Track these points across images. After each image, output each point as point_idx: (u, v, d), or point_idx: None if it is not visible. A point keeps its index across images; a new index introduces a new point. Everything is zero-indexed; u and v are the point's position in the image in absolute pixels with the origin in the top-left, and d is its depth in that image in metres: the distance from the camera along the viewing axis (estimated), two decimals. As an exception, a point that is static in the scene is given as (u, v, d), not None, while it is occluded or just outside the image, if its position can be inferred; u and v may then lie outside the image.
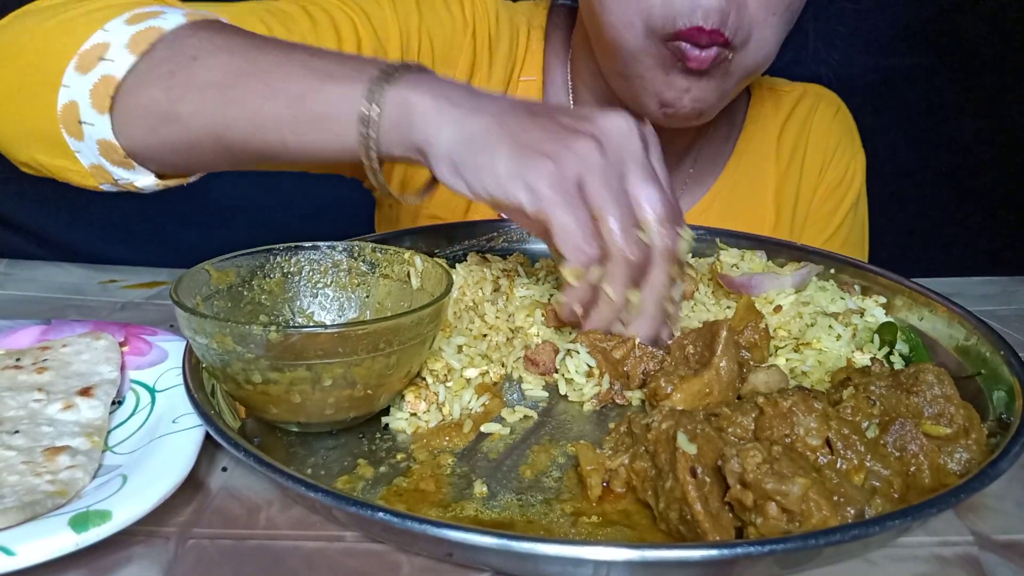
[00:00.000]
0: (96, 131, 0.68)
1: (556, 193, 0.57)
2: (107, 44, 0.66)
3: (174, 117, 0.66)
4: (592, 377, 0.64)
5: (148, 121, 0.67)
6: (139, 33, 0.67)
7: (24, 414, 0.55)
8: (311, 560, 0.46)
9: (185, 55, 0.66)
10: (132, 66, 0.66)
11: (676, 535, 0.47)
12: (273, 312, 0.64)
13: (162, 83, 0.66)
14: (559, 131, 0.59)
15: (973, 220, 1.83)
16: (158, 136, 0.68)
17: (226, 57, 0.66)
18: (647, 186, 0.59)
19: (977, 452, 0.52)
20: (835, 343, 0.68)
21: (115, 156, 0.69)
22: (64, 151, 0.70)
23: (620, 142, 0.59)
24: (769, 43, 0.87)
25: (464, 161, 0.59)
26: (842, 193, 1.12)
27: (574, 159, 0.57)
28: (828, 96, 1.16)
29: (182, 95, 0.66)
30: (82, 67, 0.66)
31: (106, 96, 0.66)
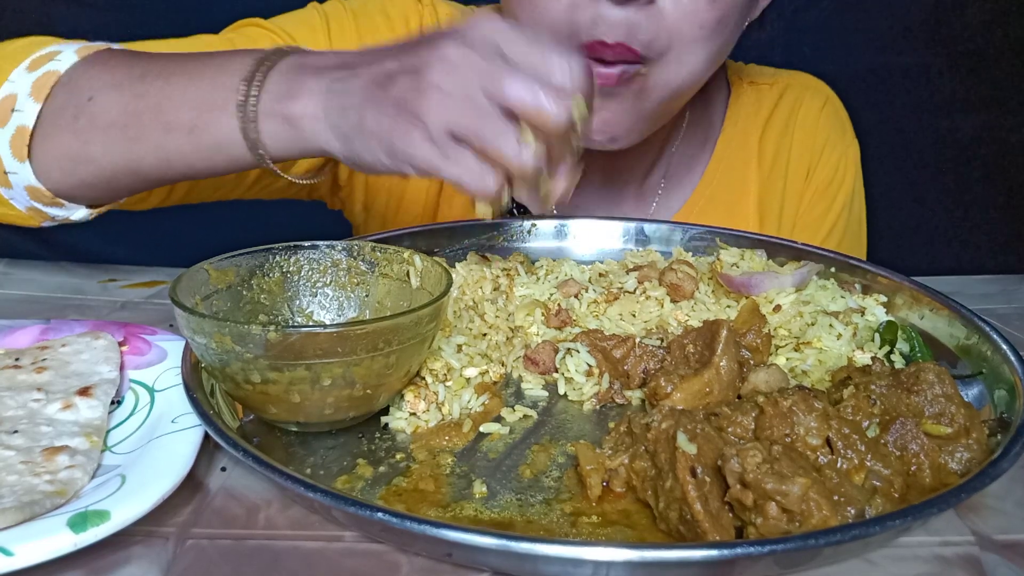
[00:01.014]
0: (21, 179, 0.72)
1: (432, 156, 0.58)
2: (15, 95, 0.70)
3: (87, 159, 0.70)
4: (592, 376, 0.64)
5: (64, 164, 0.71)
6: (39, 79, 0.70)
7: (23, 414, 0.55)
8: (310, 560, 0.46)
9: (82, 97, 0.69)
10: (39, 113, 0.70)
11: (676, 535, 0.47)
12: (272, 312, 0.64)
13: (69, 128, 0.69)
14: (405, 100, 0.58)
15: (973, 218, 1.83)
16: (77, 176, 0.71)
17: (116, 94, 0.69)
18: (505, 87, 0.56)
19: (978, 451, 0.52)
20: (836, 342, 0.68)
21: (44, 198, 0.73)
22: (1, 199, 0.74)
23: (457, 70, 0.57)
24: (697, 59, 0.81)
25: (354, 154, 0.62)
26: (833, 193, 1.06)
27: (432, 113, 0.57)
28: (814, 87, 1.09)
29: (89, 138, 0.69)
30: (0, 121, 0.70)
31: (22, 146, 0.70)
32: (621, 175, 1.03)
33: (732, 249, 0.82)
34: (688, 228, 0.90)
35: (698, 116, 1.04)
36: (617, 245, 0.90)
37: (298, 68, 0.64)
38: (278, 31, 0.91)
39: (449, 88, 0.57)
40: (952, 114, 1.76)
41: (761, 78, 1.08)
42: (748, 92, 1.07)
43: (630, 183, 1.03)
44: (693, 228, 0.90)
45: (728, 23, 0.81)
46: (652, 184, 1.04)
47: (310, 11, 0.96)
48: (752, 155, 1.04)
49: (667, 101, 0.85)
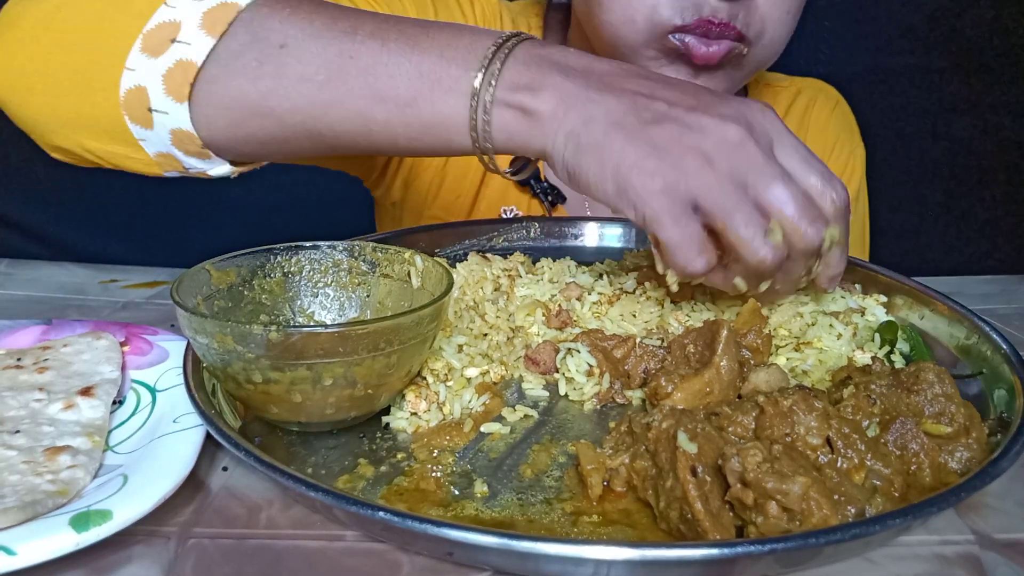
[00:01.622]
0: (170, 120, 0.62)
1: (663, 212, 0.55)
2: (177, 23, 0.60)
3: (266, 112, 0.62)
4: (592, 376, 0.64)
5: (234, 113, 0.62)
6: (212, 10, 0.60)
7: (25, 414, 0.55)
8: (312, 560, 0.46)
9: (270, 42, 0.60)
10: (211, 50, 0.60)
11: (676, 534, 0.47)
12: (274, 312, 0.64)
13: (249, 73, 0.60)
14: (663, 148, 0.55)
15: (974, 219, 1.83)
16: (246, 129, 0.63)
17: (317, 46, 0.60)
18: (772, 189, 0.55)
19: (978, 451, 0.52)
20: (836, 342, 0.68)
21: (191, 147, 0.63)
22: (125, 138, 0.63)
23: (730, 151, 0.55)
24: (781, 39, 0.87)
25: (579, 168, 0.58)
26: None
27: (688, 174, 0.55)
28: (826, 91, 1.14)
29: (274, 89, 0.61)
30: (150, 49, 0.60)
31: (184, 84, 0.60)
32: None
33: None
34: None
35: None
36: (618, 245, 0.91)
37: (541, 60, 0.60)
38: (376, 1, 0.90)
39: (717, 160, 0.55)
40: (952, 115, 1.76)
41: (775, 81, 1.13)
42: (764, 92, 1.11)
43: None
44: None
45: (800, 8, 0.87)
46: None
47: None
48: None
49: (751, 76, 0.91)
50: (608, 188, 0.57)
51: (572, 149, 0.58)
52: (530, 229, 0.90)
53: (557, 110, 0.58)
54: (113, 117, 0.62)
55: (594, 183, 0.57)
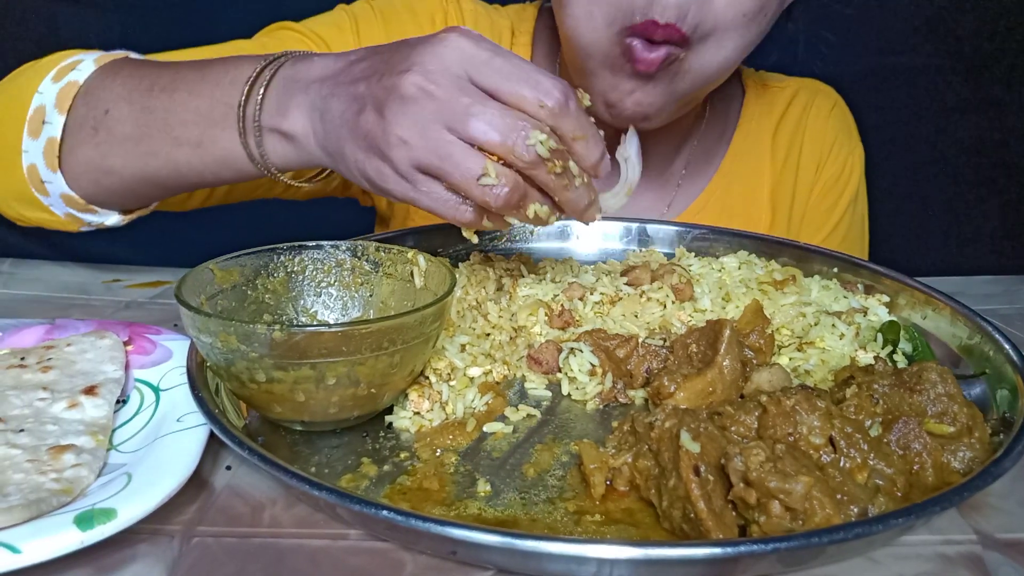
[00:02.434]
0: (56, 187, 0.75)
1: (405, 190, 0.60)
2: (43, 107, 0.73)
3: (108, 170, 0.73)
4: (595, 376, 0.64)
5: (90, 174, 0.74)
6: (62, 90, 0.73)
7: (29, 412, 0.55)
8: (315, 558, 0.46)
9: (99, 109, 0.72)
10: (64, 125, 0.72)
11: (679, 533, 0.47)
12: (277, 311, 0.64)
13: (90, 140, 0.72)
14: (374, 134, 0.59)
15: (976, 219, 1.83)
16: (102, 186, 0.74)
17: (127, 107, 0.71)
18: (468, 125, 0.57)
19: (980, 451, 0.52)
20: (838, 342, 0.68)
21: (78, 205, 0.76)
22: (40, 206, 0.77)
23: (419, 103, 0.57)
24: (733, 46, 0.84)
25: (345, 173, 0.64)
26: (840, 189, 1.11)
27: (396, 153, 0.58)
28: (824, 91, 1.14)
29: (108, 151, 0.72)
30: (32, 132, 0.74)
31: (53, 156, 0.73)
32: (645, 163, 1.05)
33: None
34: (690, 229, 0.90)
35: (716, 111, 1.08)
36: (619, 245, 0.91)
37: (290, 81, 0.65)
38: (310, 34, 0.93)
39: (407, 125, 0.57)
40: (954, 115, 1.76)
41: (774, 81, 1.13)
42: (761, 94, 1.11)
43: (653, 171, 1.06)
44: (695, 228, 0.90)
45: (767, 13, 0.85)
46: (674, 173, 1.08)
47: (338, 12, 0.98)
48: (766, 149, 1.09)
49: (699, 85, 0.88)
50: (364, 184, 0.62)
51: (330, 159, 0.64)
52: (532, 229, 0.90)
53: (304, 129, 0.64)
54: (25, 190, 0.76)
55: (356, 181, 0.63)
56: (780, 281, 0.77)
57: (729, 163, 1.08)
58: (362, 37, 0.95)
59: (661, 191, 1.07)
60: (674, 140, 1.05)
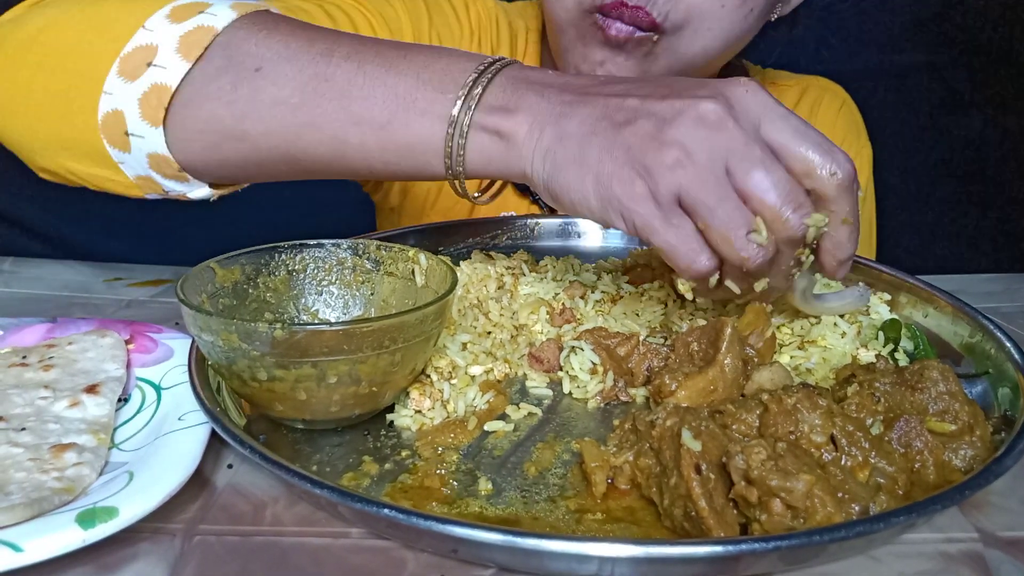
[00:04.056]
0: (146, 144, 0.62)
1: (652, 217, 0.53)
2: (154, 47, 0.60)
3: (240, 135, 0.61)
4: (596, 374, 0.64)
5: (209, 137, 0.62)
6: (188, 34, 0.60)
7: (31, 411, 0.55)
8: (317, 556, 0.46)
9: (246, 65, 0.60)
10: (186, 74, 0.60)
11: (680, 532, 0.47)
12: (278, 310, 0.64)
13: (224, 97, 0.60)
14: (638, 151, 0.53)
15: (979, 216, 1.83)
16: (220, 152, 0.63)
17: (292, 69, 0.60)
18: (754, 174, 0.52)
19: (982, 449, 0.52)
20: (839, 340, 0.68)
21: (168, 170, 0.64)
22: (105, 161, 0.64)
23: (707, 136, 0.53)
24: (713, 32, 0.81)
25: (559, 186, 0.56)
26: None
27: (666, 173, 0.52)
28: (832, 89, 1.13)
29: (248, 112, 0.60)
30: (127, 72, 0.60)
31: (159, 108, 0.60)
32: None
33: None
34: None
35: None
36: (621, 244, 0.91)
37: (519, 82, 0.58)
38: (367, 3, 0.90)
39: (694, 150, 0.52)
40: (959, 112, 1.76)
41: (781, 80, 1.12)
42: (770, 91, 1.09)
43: None
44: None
45: (752, 9, 0.82)
46: None
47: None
48: None
49: (676, 69, 0.85)
50: (592, 204, 0.55)
51: (550, 168, 0.56)
52: (533, 227, 0.90)
53: (532, 130, 0.56)
54: (92, 140, 0.62)
55: (577, 200, 0.55)
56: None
57: None
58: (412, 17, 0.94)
59: None
60: None
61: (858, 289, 0.71)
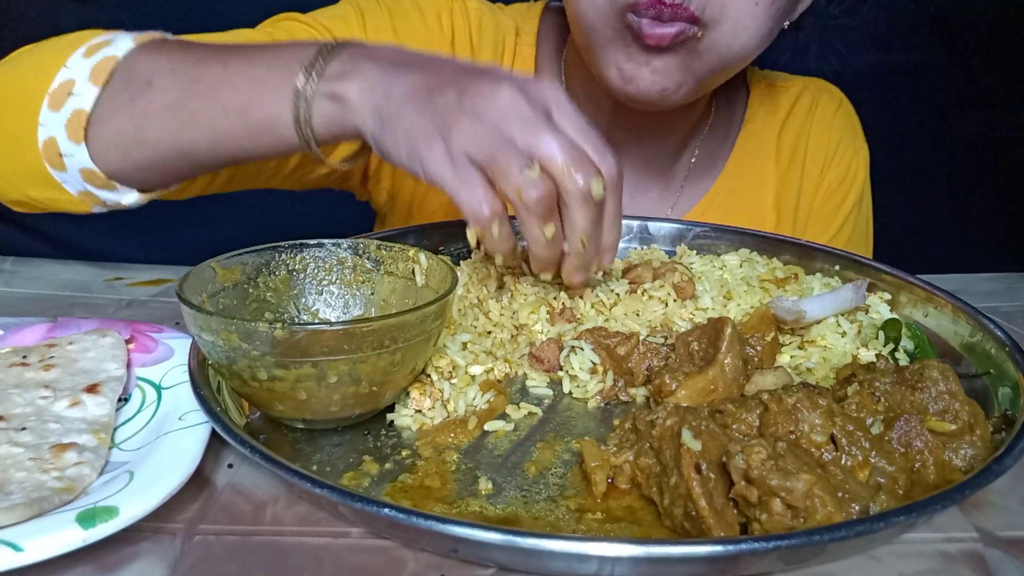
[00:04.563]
0: (76, 161, 0.72)
1: (443, 169, 0.59)
2: (72, 80, 0.71)
3: (141, 141, 0.71)
4: (596, 374, 0.64)
5: (119, 147, 0.72)
6: (97, 64, 0.71)
7: (31, 411, 0.55)
8: (317, 556, 0.46)
9: (140, 81, 0.71)
10: (97, 97, 0.71)
11: (681, 531, 0.47)
12: (278, 309, 0.64)
13: (125, 111, 0.71)
14: (443, 114, 0.60)
15: (978, 216, 1.82)
16: (131, 159, 0.72)
17: (173, 78, 0.71)
18: (541, 138, 0.59)
19: (982, 448, 0.52)
20: (840, 340, 0.68)
21: (97, 181, 0.74)
22: (52, 183, 0.75)
23: (503, 109, 0.59)
24: (750, 30, 0.83)
25: (381, 140, 0.63)
26: (844, 191, 1.10)
27: (459, 136, 0.59)
28: (829, 91, 1.13)
29: (144, 121, 0.70)
30: (54, 105, 0.71)
31: (79, 128, 0.71)
32: (648, 163, 1.06)
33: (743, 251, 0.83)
34: (692, 227, 0.90)
35: (721, 112, 1.07)
36: (620, 244, 0.90)
37: (357, 55, 0.66)
38: (316, 26, 0.91)
39: (487, 118, 0.59)
40: (955, 112, 1.76)
41: (779, 81, 1.12)
42: (766, 92, 1.10)
43: (656, 171, 1.06)
44: (697, 227, 0.90)
45: (779, 6, 0.83)
46: (677, 174, 1.07)
47: (345, 6, 0.97)
48: (771, 150, 1.08)
49: (717, 68, 0.86)
50: (402, 154, 0.62)
51: (377, 124, 0.63)
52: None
53: (363, 92, 0.64)
54: (39, 167, 0.73)
55: (392, 151, 0.63)
56: (782, 279, 0.76)
57: (733, 164, 1.07)
58: (369, 32, 0.94)
59: (665, 192, 1.07)
60: (679, 140, 1.05)
61: (854, 286, 0.71)
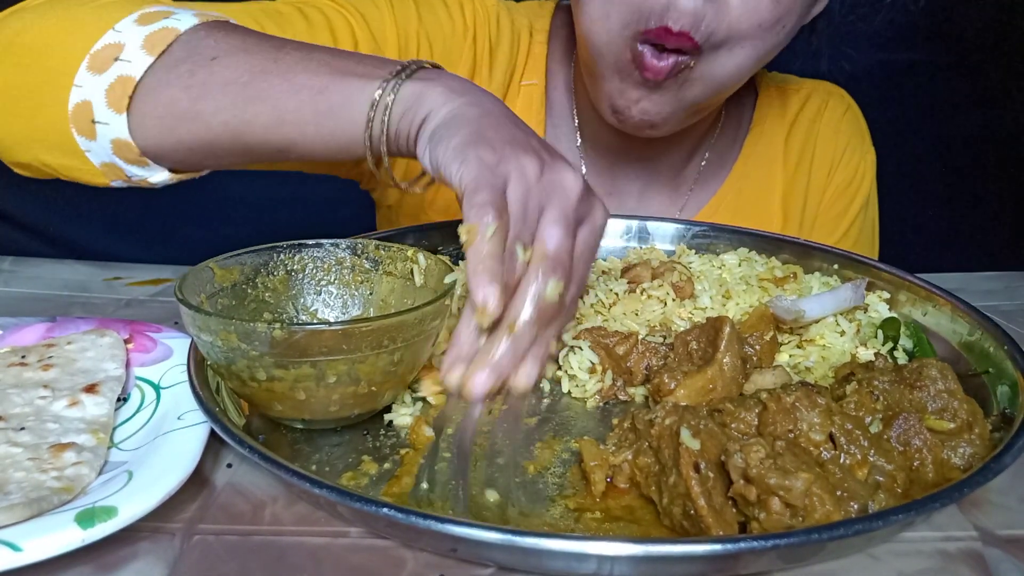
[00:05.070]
0: (111, 131, 0.67)
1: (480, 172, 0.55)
2: (121, 44, 0.66)
3: (194, 115, 0.66)
4: (595, 373, 0.64)
5: (167, 121, 0.67)
6: (154, 33, 0.66)
7: (30, 411, 0.55)
8: (316, 556, 0.46)
9: (204, 56, 0.66)
10: (150, 66, 0.65)
11: (680, 530, 0.47)
12: (277, 309, 0.64)
13: (182, 82, 0.66)
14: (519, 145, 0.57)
15: (977, 215, 1.83)
16: (176, 135, 0.68)
17: (246, 57, 0.66)
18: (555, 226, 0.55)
19: (980, 447, 0.52)
20: (839, 339, 0.68)
21: (130, 155, 0.68)
22: (73, 150, 0.69)
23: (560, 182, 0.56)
24: (746, 57, 0.83)
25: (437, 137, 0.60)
26: (851, 195, 1.10)
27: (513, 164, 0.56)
28: (837, 94, 1.13)
29: (203, 93, 0.66)
30: (95, 67, 0.66)
31: (124, 96, 0.65)
32: (657, 167, 1.06)
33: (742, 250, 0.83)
34: (690, 226, 0.90)
35: (730, 115, 1.07)
36: (619, 243, 0.91)
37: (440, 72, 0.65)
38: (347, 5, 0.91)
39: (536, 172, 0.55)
40: (955, 111, 1.76)
41: (787, 83, 1.12)
42: (775, 95, 1.10)
43: (665, 175, 1.06)
44: (696, 226, 0.90)
45: (784, 26, 0.83)
46: (687, 177, 1.07)
47: None
48: (778, 153, 1.08)
49: (708, 94, 0.87)
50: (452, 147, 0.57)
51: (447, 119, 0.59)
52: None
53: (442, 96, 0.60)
54: (63, 130, 0.67)
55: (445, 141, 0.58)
56: (781, 278, 0.76)
57: (741, 167, 1.08)
58: (397, 17, 0.94)
59: (674, 195, 1.07)
60: (689, 144, 1.05)
61: (853, 285, 0.71)
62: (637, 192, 1.06)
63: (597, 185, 1.06)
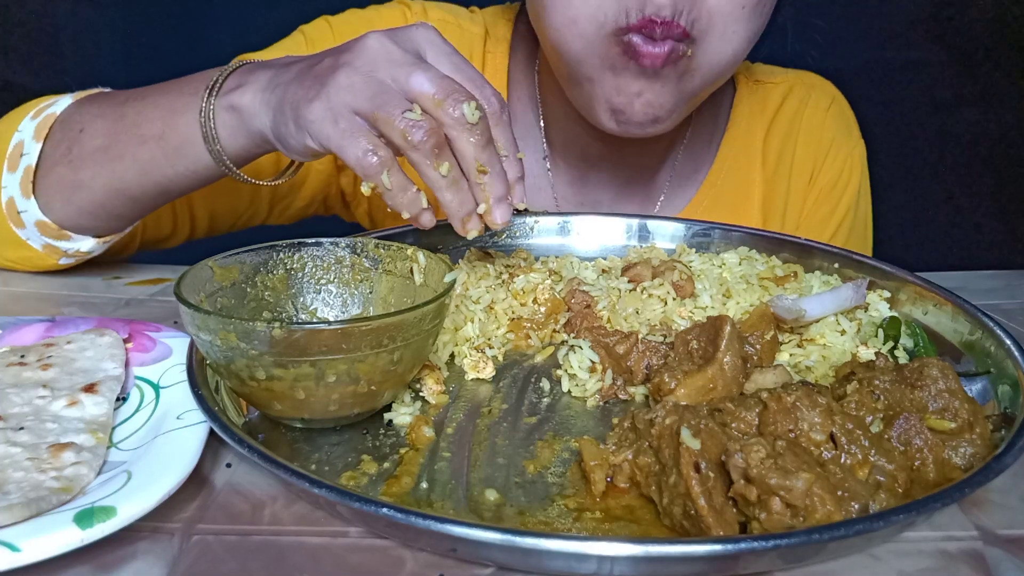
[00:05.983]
0: (31, 216, 0.78)
1: (327, 127, 0.61)
2: (22, 141, 0.79)
3: (79, 184, 0.76)
4: (595, 372, 0.64)
5: (62, 194, 0.77)
6: (41, 122, 0.79)
7: (29, 410, 0.55)
8: (315, 555, 0.46)
9: (74, 130, 0.77)
10: (40, 152, 0.78)
11: (680, 530, 0.47)
12: (276, 308, 0.64)
13: (63, 159, 0.77)
14: (321, 76, 0.62)
15: (977, 213, 1.83)
16: (74, 204, 0.78)
17: (101, 122, 0.76)
18: (412, 77, 0.60)
19: (982, 447, 0.52)
20: (839, 338, 0.68)
21: (52, 232, 0.79)
22: (19, 242, 0.81)
23: (373, 57, 0.61)
24: (738, 37, 0.82)
25: (276, 127, 0.66)
26: (838, 195, 1.05)
27: (338, 91, 0.60)
28: (820, 86, 1.08)
29: (80, 165, 0.76)
30: (11, 167, 0.79)
31: (28, 183, 0.78)
32: (628, 174, 1.03)
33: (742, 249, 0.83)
34: (691, 224, 0.90)
35: (704, 113, 1.03)
36: (620, 241, 0.90)
37: (252, 67, 0.71)
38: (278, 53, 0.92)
39: (359, 67, 0.61)
40: (953, 109, 1.76)
41: (766, 77, 1.07)
42: (753, 91, 1.06)
43: (637, 180, 1.03)
44: (696, 224, 0.90)
45: (765, 3, 0.83)
46: (659, 183, 1.04)
47: (296, 36, 1.00)
48: (756, 156, 1.04)
49: (709, 81, 0.85)
50: (292, 130, 0.63)
51: (270, 117, 0.66)
52: (532, 226, 0.90)
53: (255, 94, 0.67)
54: (4, 226, 0.81)
55: (287, 136, 0.64)
56: (781, 277, 0.76)
57: (717, 171, 1.03)
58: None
59: (645, 202, 1.04)
60: (659, 148, 1.01)
61: (854, 285, 0.71)
62: (608, 201, 1.03)
63: (567, 195, 1.03)
